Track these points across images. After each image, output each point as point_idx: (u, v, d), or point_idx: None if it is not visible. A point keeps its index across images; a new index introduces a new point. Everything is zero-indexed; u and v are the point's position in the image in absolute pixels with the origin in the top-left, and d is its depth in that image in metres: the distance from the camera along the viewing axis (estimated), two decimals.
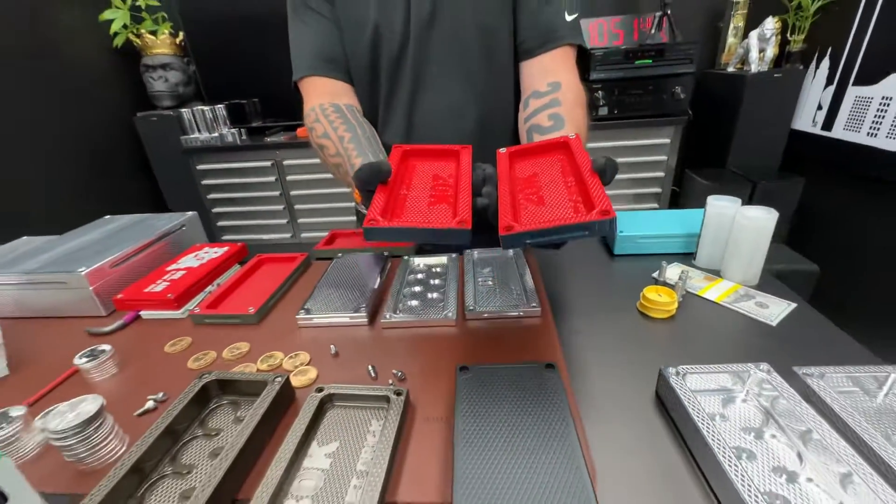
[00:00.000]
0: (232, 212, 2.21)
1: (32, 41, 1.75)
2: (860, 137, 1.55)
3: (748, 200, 1.73)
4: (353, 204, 0.99)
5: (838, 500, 0.32)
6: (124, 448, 0.41)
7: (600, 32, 2.00)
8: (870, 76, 1.51)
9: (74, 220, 1.57)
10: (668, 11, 1.79)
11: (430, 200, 0.40)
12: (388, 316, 0.57)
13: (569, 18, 0.67)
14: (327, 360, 0.51)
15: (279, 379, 0.44)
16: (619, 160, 1.88)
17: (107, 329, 0.60)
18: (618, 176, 1.29)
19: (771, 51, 1.76)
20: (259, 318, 0.60)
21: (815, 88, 1.74)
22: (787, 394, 0.39)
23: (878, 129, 1.48)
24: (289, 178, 2.09)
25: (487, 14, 0.67)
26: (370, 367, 0.49)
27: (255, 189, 2.13)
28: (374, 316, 0.59)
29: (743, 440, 0.38)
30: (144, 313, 0.63)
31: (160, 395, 0.47)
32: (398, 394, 0.42)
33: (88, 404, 0.39)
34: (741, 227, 0.57)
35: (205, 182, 2.14)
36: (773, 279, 0.61)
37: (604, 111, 1.83)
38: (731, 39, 1.98)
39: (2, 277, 0.63)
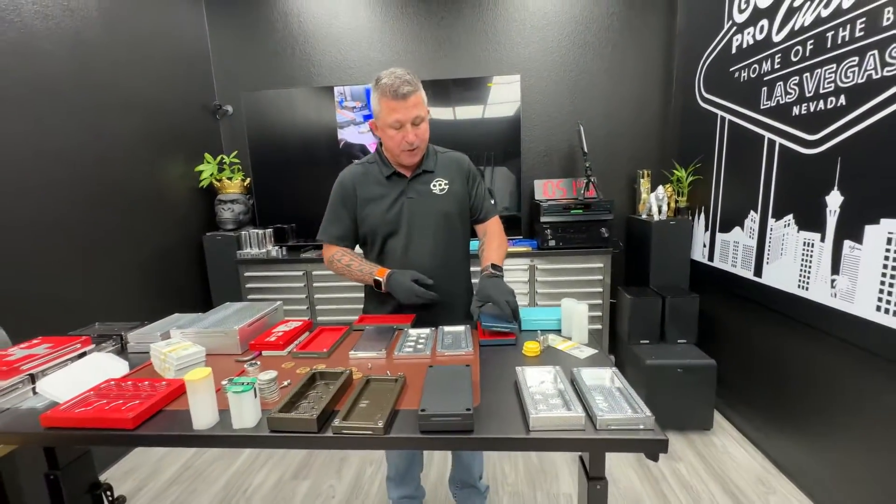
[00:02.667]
0: None
1: (144, 181, 2.50)
2: (728, 267, 2.21)
3: (661, 311, 2.32)
4: (354, 305, 1.59)
5: (568, 411, 0.83)
6: (278, 397, 0.92)
7: (550, 189, 2.81)
8: (725, 227, 2.23)
9: (144, 305, 2.17)
10: (593, 179, 2.60)
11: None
12: (396, 353, 1.11)
13: (492, 202, 1.45)
14: (366, 370, 1.04)
15: (346, 371, 0.96)
16: (568, 279, 2.52)
17: (246, 359, 1.12)
18: (569, 290, 2.15)
19: (665, 207, 2.53)
20: (329, 355, 1.13)
21: (699, 232, 2.46)
22: (562, 378, 0.91)
23: (737, 262, 2.14)
24: (314, 284, 2.69)
25: (446, 207, 1.37)
26: (388, 372, 1.01)
27: (286, 292, 2.72)
28: (389, 354, 1.12)
29: (542, 395, 0.89)
30: (265, 352, 1.16)
31: (287, 381, 0.99)
32: (401, 378, 0.94)
33: (271, 373, 0.91)
34: (574, 313, 1.14)
35: (248, 285, 2.74)
36: (594, 340, 1.16)
37: (552, 243, 2.52)
38: (644, 195, 2.78)
39: (190, 329, 1.18)
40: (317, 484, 1.94)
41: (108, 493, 1.28)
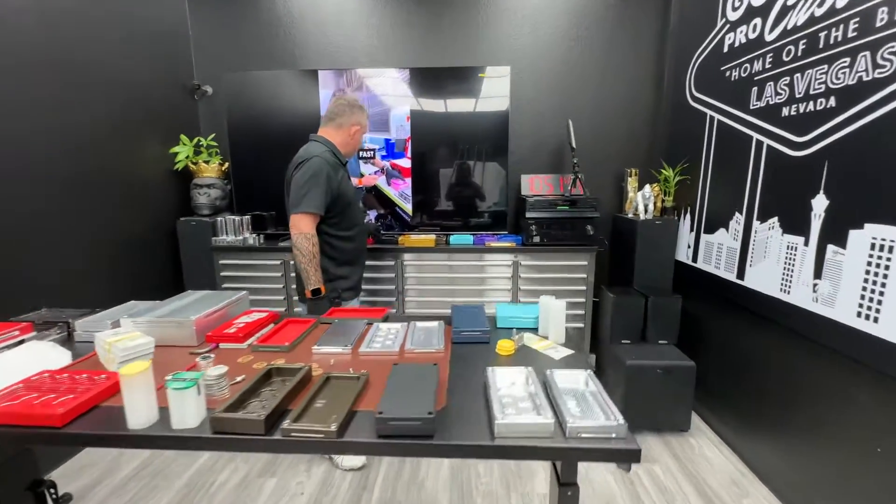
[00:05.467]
0: None
1: (116, 163, 2.38)
2: (712, 269, 2.19)
3: (644, 311, 2.29)
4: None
5: (538, 416, 0.78)
6: (229, 394, 0.85)
7: (537, 184, 2.76)
8: (710, 228, 2.21)
9: (111, 293, 2.05)
10: (580, 176, 2.56)
11: None
12: (363, 349, 1.04)
13: None
14: (328, 367, 0.97)
15: (305, 367, 0.90)
16: (552, 276, 2.48)
17: (201, 351, 1.05)
18: (552, 287, 2.18)
19: (652, 206, 2.49)
20: (290, 349, 1.06)
21: (685, 233, 2.44)
22: (534, 380, 0.87)
23: (720, 264, 2.12)
24: (292, 274, 2.61)
25: None
26: (350, 370, 0.95)
27: (262, 281, 2.63)
28: (356, 349, 1.06)
29: (511, 399, 0.84)
30: (223, 345, 1.08)
31: (242, 377, 0.92)
32: (364, 375, 0.88)
33: (222, 368, 0.84)
34: (552, 311, 1.09)
35: (223, 273, 2.64)
36: (569, 340, 1.11)
37: (536, 239, 2.47)
38: (630, 194, 2.74)
39: (141, 318, 1.10)
40: (284, 481, 1.88)
41: (52, 490, 1.20)
